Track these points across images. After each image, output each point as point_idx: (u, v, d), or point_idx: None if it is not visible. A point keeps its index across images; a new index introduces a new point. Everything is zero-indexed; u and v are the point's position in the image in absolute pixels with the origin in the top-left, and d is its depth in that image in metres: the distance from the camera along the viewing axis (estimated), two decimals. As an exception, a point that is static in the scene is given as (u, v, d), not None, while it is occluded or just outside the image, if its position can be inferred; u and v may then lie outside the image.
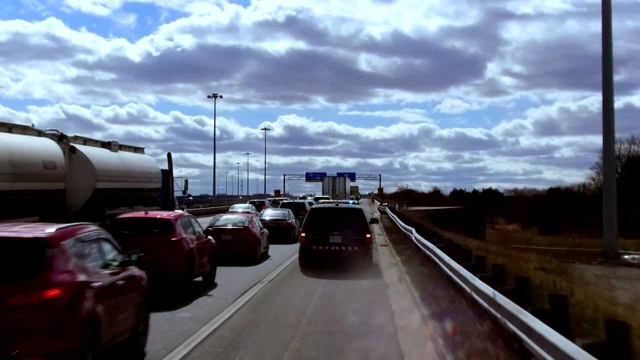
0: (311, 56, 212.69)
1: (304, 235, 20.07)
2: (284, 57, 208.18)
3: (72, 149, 16.97)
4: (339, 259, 19.31)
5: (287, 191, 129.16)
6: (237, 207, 45.94)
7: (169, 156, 26.12)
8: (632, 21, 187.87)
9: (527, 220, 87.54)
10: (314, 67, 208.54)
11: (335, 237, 19.69)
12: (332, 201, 47.96)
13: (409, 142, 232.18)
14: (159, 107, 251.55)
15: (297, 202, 47.08)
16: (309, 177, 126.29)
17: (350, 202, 28.89)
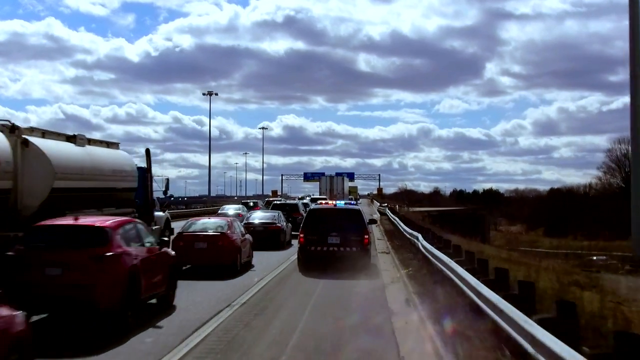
0: (310, 56, 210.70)
1: (302, 235, 20.09)
2: (283, 57, 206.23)
3: (24, 142, 14.65)
4: (337, 259, 19.17)
5: (286, 191, 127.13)
6: (228, 209, 43.12)
7: (147, 152, 23.09)
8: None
9: (531, 221, 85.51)
10: (313, 67, 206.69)
11: (333, 238, 19.77)
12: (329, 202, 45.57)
13: (408, 142, 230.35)
14: (157, 107, 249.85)
15: (289, 203, 43.65)
16: (307, 177, 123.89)
17: (342, 202, 26.76)
